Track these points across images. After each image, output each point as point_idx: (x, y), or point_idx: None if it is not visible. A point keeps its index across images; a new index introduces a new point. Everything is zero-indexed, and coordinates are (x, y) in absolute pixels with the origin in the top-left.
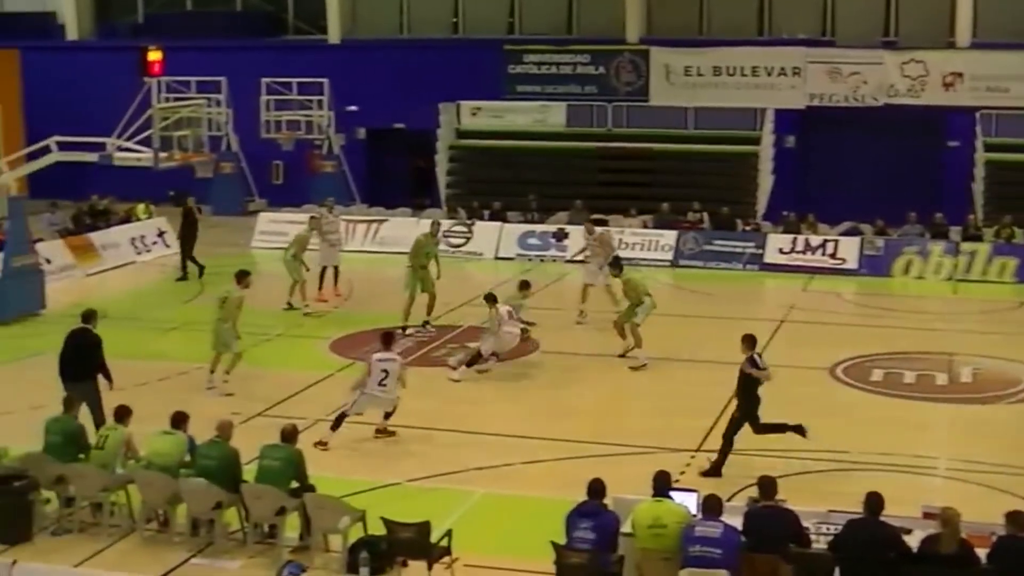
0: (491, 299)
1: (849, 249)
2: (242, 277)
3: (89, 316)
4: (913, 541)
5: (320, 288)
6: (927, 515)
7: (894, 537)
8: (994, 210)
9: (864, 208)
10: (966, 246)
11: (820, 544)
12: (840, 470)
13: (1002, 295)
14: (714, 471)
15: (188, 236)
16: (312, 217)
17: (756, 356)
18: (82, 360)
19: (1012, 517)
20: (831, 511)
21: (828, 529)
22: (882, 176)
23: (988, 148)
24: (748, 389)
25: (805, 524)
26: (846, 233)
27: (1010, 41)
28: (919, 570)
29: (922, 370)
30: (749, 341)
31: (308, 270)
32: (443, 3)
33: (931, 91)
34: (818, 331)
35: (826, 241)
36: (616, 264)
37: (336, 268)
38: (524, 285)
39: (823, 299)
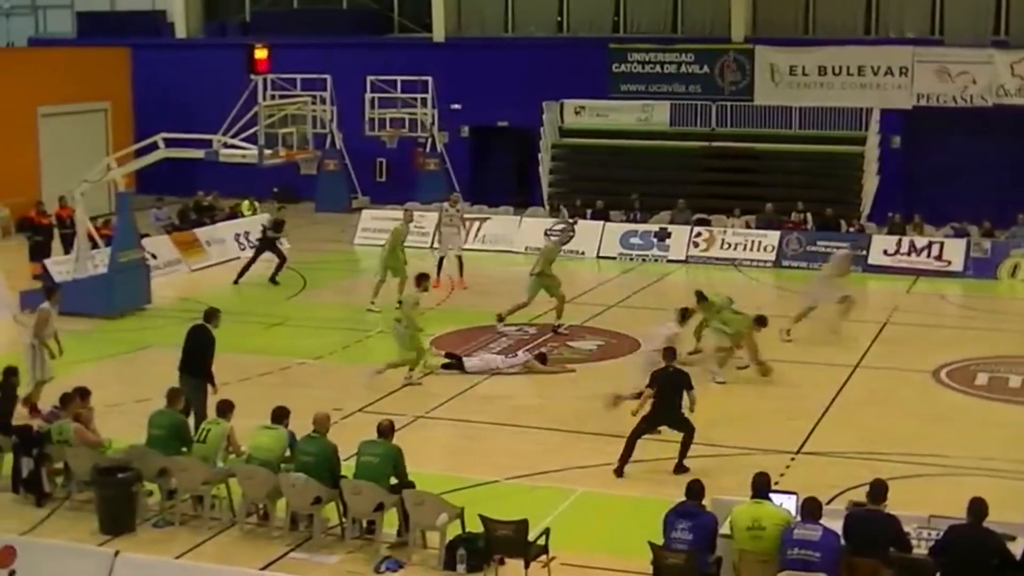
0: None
1: (955, 251)
2: (421, 280)
3: (211, 315)
4: (1017, 548)
5: (438, 276)
6: None
7: (997, 544)
8: None
9: (972, 209)
10: None
11: (921, 549)
12: (943, 475)
13: None
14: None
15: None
16: (405, 210)
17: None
18: (197, 356)
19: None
20: (933, 516)
21: (929, 535)
22: (990, 177)
23: None
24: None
25: (906, 529)
26: (951, 235)
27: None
28: None
29: None
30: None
31: (406, 263)
32: (548, 2)
33: None
34: (922, 334)
35: (931, 243)
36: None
37: (458, 258)
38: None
39: (927, 301)
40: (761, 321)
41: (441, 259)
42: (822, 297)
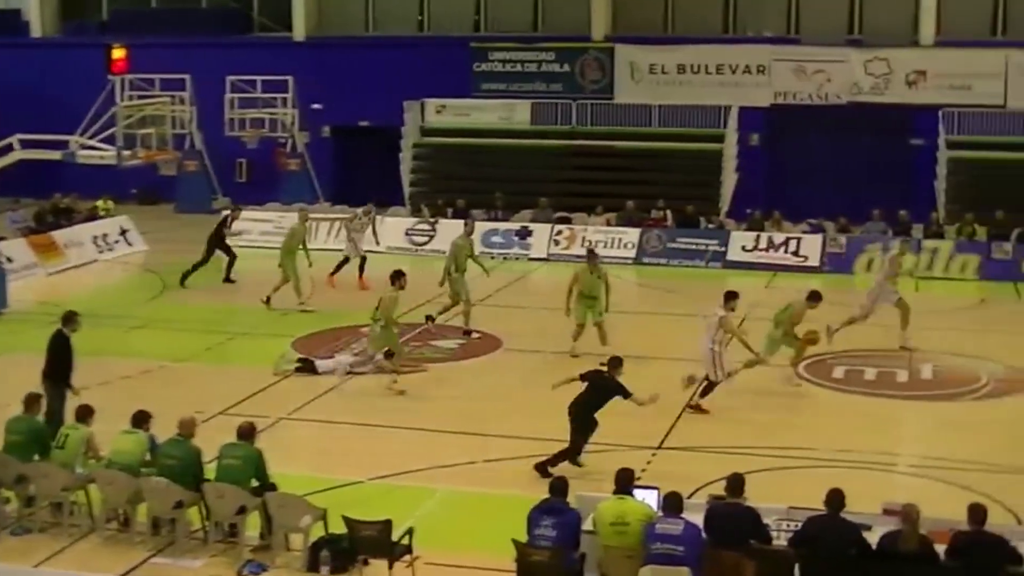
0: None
1: (812, 247)
2: (396, 277)
3: (68, 318)
4: (873, 538)
5: (360, 277)
6: (887, 512)
7: (854, 534)
8: (957, 208)
9: (829, 205)
10: (928, 244)
11: (781, 541)
12: (802, 467)
13: (963, 292)
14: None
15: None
16: (301, 211)
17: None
18: (57, 361)
19: (972, 512)
20: (792, 508)
21: (789, 526)
22: (847, 174)
23: (951, 146)
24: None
25: (766, 521)
26: (809, 231)
27: (973, 39)
28: (879, 567)
29: (883, 367)
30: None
31: (311, 265)
32: (409, 1)
33: (895, 89)
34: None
35: (789, 239)
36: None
37: (362, 259)
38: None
39: (786, 296)
40: (815, 297)
41: (346, 260)
42: (881, 299)
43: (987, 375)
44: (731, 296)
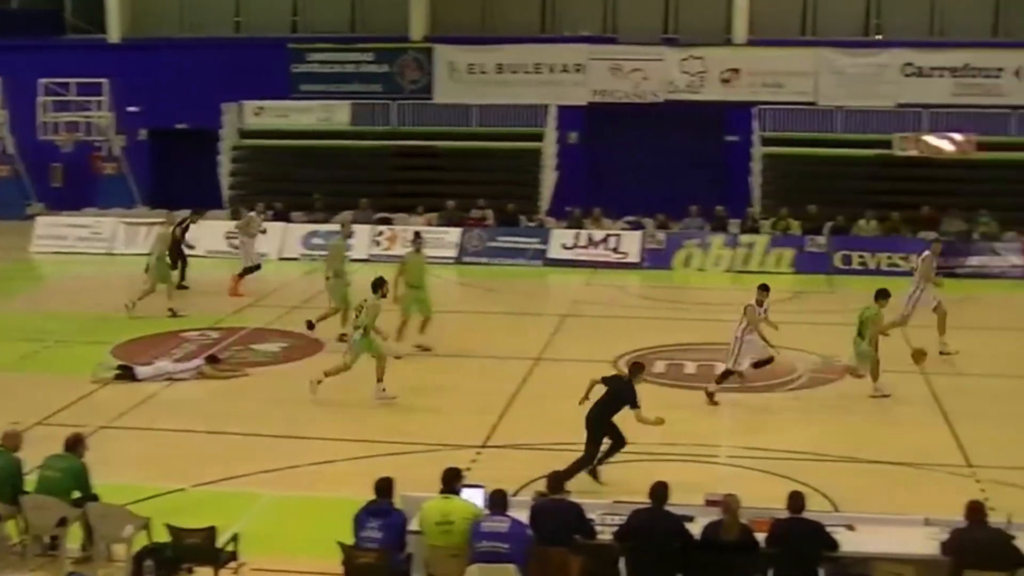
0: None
1: (631, 243)
2: (379, 285)
3: None
4: (697, 529)
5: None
6: (710, 503)
7: (677, 526)
8: (771, 203)
9: (648, 202)
10: (745, 238)
11: (607, 535)
12: (627, 461)
13: (779, 285)
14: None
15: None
16: (168, 214)
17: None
18: None
19: (790, 500)
20: (616, 502)
21: (614, 520)
22: (665, 170)
23: (765, 142)
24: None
25: (591, 515)
26: (629, 227)
27: (784, 38)
28: (702, 557)
29: (703, 360)
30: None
31: (175, 269)
32: (225, 1)
33: (710, 87)
34: (601, 324)
35: (608, 235)
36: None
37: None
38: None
39: (606, 292)
40: (884, 295)
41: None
42: (922, 302)
43: (803, 366)
44: (763, 289)
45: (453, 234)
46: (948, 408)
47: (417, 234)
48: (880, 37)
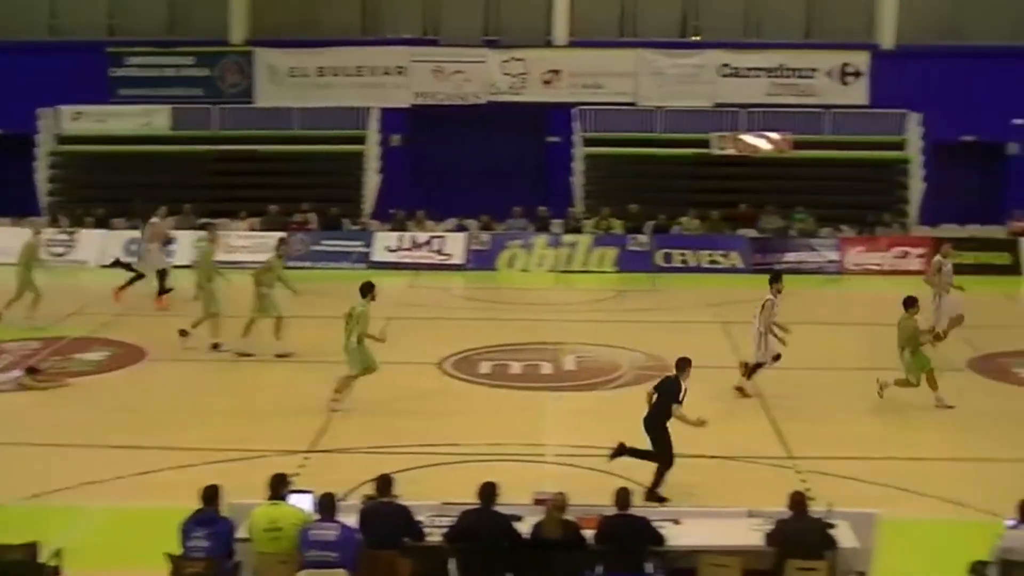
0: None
1: (455, 245)
2: (368, 290)
3: None
4: (526, 528)
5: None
6: (538, 501)
7: (505, 525)
8: (594, 202)
9: (472, 204)
10: (568, 238)
11: (436, 536)
12: (455, 462)
13: (603, 284)
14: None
15: None
16: (33, 225)
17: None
18: None
19: (617, 496)
20: (445, 503)
21: (443, 521)
22: (489, 172)
23: (586, 143)
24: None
25: (420, 517)
26: (453, 229)
27: (604, 39)
28: (529, 555)
29: (528, 360)
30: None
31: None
32: (38, 3)
33: (532, 88)
34: (426, 326)
35: (432, 237)
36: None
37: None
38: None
39: (431, 295)
40: (912, 303)
41: (141, 276)
42: (946, 312)
43: (627, 364)
44: (775, 279)
45: (276, 239)
46: (769, 402)
47: (282, 239)
48: (698, 38)
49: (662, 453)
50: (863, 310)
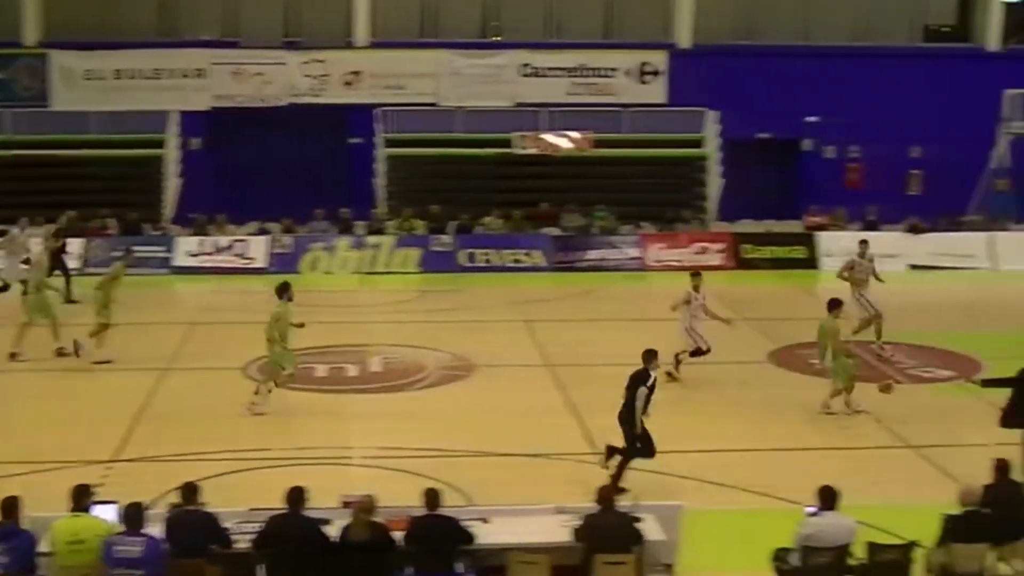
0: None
1: (258, 248)
2: (284, 290)
3: None
4: (334, 531)
5: None
6: (346, 504)
7: (314, 529)
8: (396, 203)
9: (275, 207)
10: (371, 239)
11: (244, 543)
12: (265, 467)
13: (407, 285)
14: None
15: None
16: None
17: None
18: None
19: (426, 497)
20: (253, 509)
21: (251, 527)
22: (290, 175)
23: (388, 144)
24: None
25: (227, 524)
26: (255, 232)
27: (405, 40)
28: (338, 559)
29: (334, 363)
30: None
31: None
32: None
33: (332, 90)
34: (230, 331)
35: (235, 241)
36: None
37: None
38: None
39: (234, 299)
40: (836, 304)
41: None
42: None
43: (433, 364)
44: (695, 275)
45: (75, 245)
46: (574, 398)
47: (128, 250)
48: (498, 38)
49: (631, 446)
50: (663, 306)
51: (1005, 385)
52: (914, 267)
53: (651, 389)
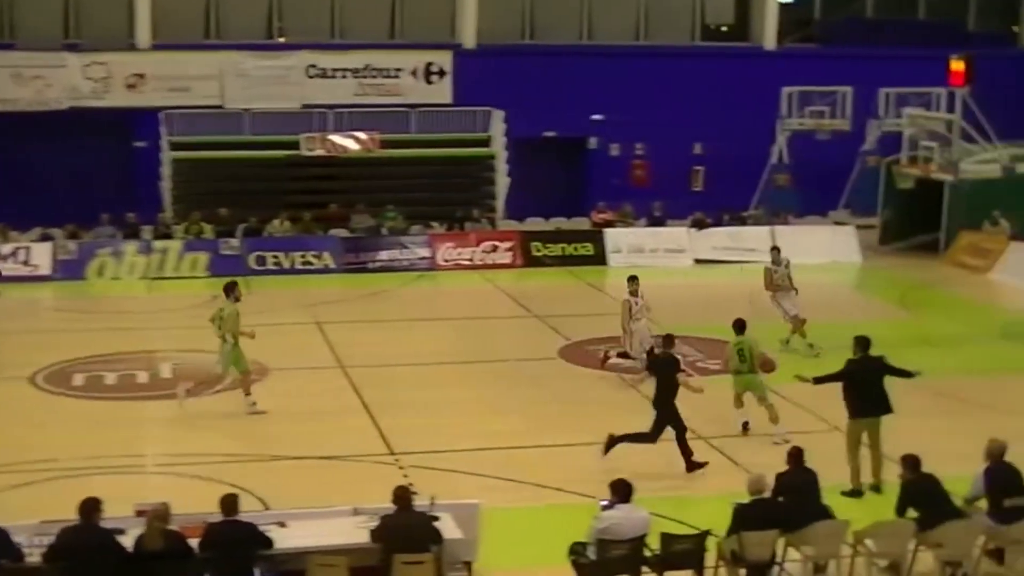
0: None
1: (41, 255)
2: (231, 289)
3: None
4: (129, 540)
5: None
6: (139, 513)
7: (108, 540)
8: (184, 207)
9: (58, 213)
10: (159, 244)
11: (36, 557)
12: (54, 479)
13: (196, 289)
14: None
15: None
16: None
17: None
18: None
19: (223, 503)
20: (44, 522)
21: (43, 541)
22: (74, 179)
23: (173, 147)
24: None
25: (18, 538)
26: (38, 239)
27: (189, 42)
28: (134, 569)
29: (123, 370)
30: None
31: None
32: None
33: (115, 93)
34: (16, 340)
35: (17, 248)
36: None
37: None
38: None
39: (18, 307)
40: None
41: None
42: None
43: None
44: (632, 280)
45: None
46: (368, 400)
47: None
48: (284, 40)
49: (659, 428)
50: (454, 305)
51: (836, 380)
52: (699, 261)
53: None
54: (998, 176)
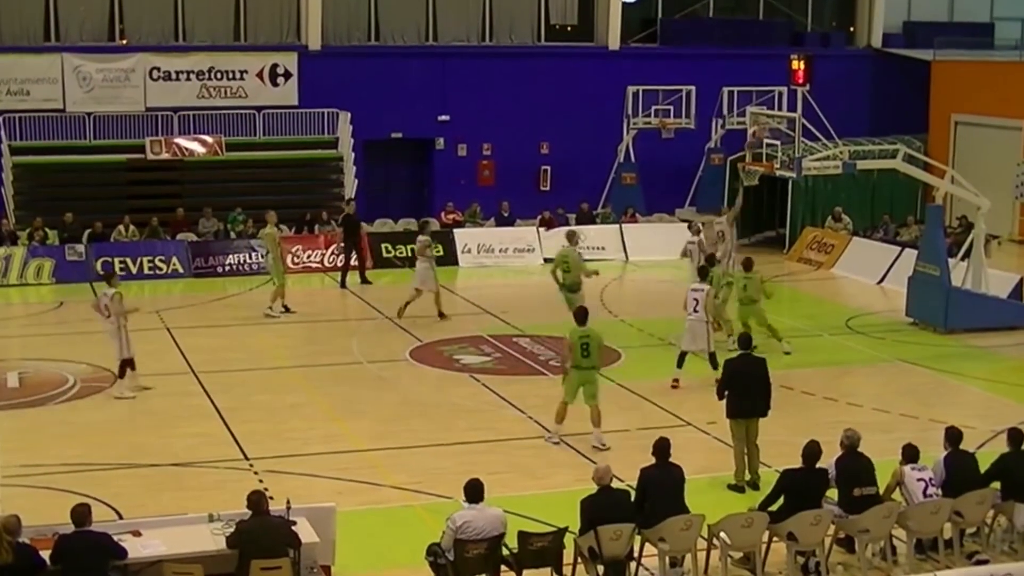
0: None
1: None
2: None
3: None
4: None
5: None
6: None
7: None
8: (26, 213)
9: None
10: (1, 251)
11: None
12: None
13: (41, 297)
14: None
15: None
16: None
17: None
18: None
19: (73, 513)
20: None
21: None
22: None
23: (14, 152)
24: None
25: None
26: None
27: (28, 44)
28: None
29: None
30: None
31: None
32: None
33: None
34: None
35: None
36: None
37: None
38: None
39: None
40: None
41: None
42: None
43: (73, 376)
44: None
45: None
46: (220, 404)
47: None
48: (125, 42)
49: None
50: (304, 307)
51: (724, 385)
52: (548, 260)
53: None
54: (839, 173)
